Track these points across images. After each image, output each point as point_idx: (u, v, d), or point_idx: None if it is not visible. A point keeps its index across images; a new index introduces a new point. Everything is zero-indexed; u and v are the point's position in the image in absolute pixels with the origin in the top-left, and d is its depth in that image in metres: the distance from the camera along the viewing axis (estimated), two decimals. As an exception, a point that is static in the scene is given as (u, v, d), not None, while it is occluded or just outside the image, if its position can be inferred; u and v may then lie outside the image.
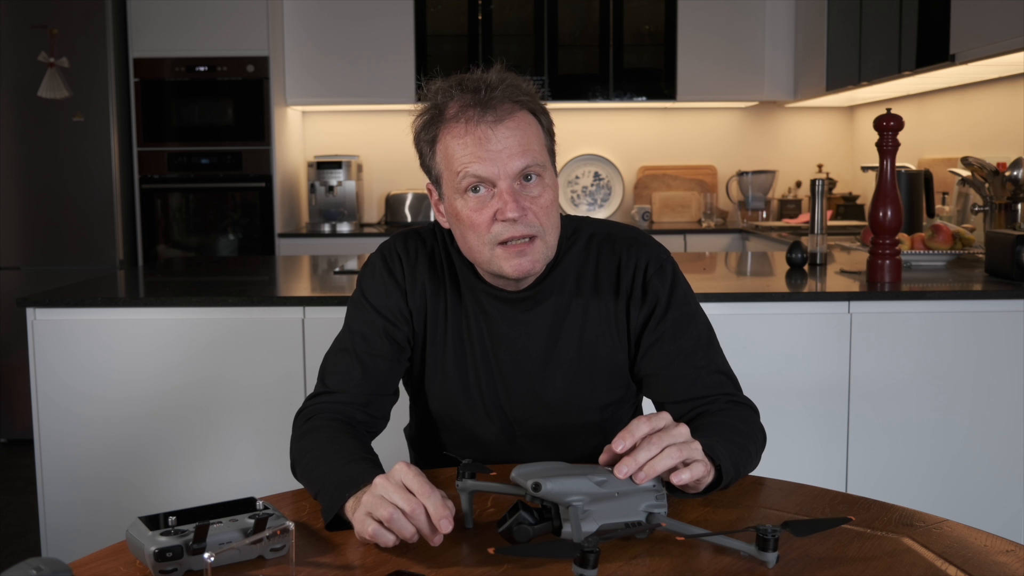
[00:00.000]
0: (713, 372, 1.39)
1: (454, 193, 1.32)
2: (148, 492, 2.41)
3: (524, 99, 1.32)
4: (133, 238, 4.57)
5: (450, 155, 1.31)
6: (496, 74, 1.31)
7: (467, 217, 1.31)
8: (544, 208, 1.31)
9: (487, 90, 1.29)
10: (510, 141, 1.28)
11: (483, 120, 1.28)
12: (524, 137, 1.30)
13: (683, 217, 5.14)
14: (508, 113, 1.29)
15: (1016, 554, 1.07)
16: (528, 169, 1.30)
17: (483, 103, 1.28)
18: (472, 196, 1.30)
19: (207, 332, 2.41)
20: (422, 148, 1.36)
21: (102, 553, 1.09)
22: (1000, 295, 2.39)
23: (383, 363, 1.40)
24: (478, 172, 1.28)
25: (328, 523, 1.14)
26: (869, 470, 2.43)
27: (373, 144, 5.14)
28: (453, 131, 1.30)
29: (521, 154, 1.29)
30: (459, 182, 1.30)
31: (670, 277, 1.42)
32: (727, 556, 1.05)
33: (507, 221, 1.29)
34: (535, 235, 1.31)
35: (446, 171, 1.33)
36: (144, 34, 4.47)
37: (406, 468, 1.08)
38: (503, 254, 1.31)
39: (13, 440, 4.39)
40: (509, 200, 1.28)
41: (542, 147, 1.33)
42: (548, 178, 1.33)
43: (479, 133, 1.28)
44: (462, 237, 1.35)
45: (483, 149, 1.28)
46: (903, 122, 2.42)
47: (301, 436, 1.32)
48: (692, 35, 4.83)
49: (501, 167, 1.28)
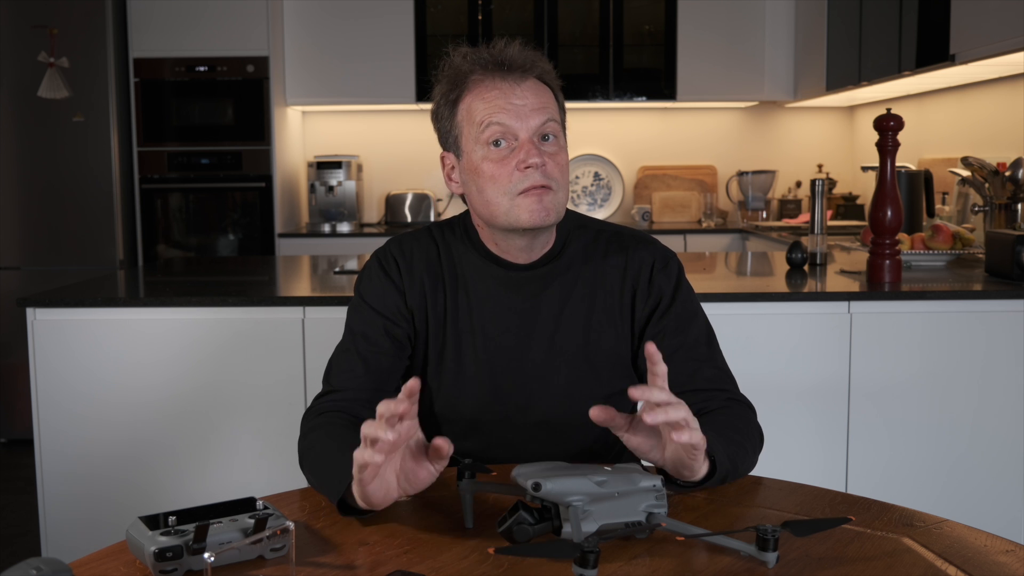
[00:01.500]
0: (713, 367, 1.42)
1: (475, 146, 1.37)
2: (148, 492, 2.42)
3: (544, 72, 1.40)
4: (133, 238, 4.57)
5: (473, 110, 1.36)
6: (518, 49, 1.39)
7: (488, 170, 1.36)
8: (560, 165, 1.38)
9: (509, 57, 1.37)
10: (531, 99, 1.36)
11: (508, 77, 1.36)
12: (545, 99, 1.38)
13: (683, 217, 5.14)
14: (529, 75, 1.37)
15: (1016, 554, 1.07)
16: (547, 126, 1.37)
17: (508, 64, 1.36)
18: (494, 150, 1.36)
19: (207, 332, 2.41)
20: (440, 112, 1.41)
21: (102, 553, 1.09)
22: (1000, 295, 2.39)
23: (385, 360, 1.42)
24: (502, 120, 1.34)
25: (338, 507, 1.15)
26: (869, 470, 2.43)
27: (373, 144, 5.14)
28: (478, 87, 1.37)
29: (542, 110, 1.36)
30: (482, 132, 1.35)
31: (675, 275, 1.46)
32: (727, 556, 1.05)
33: (528, 168, 1.34)
34: (551, 186, 1.36)
35: (467, 125, 1.37)
36: (144, 34, 4.47)
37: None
38: (522, 202, 1.35)
39: (13, 440, 4.39)
40: (531, 148, 1.34)
41: (557, 111, 1.40)
42: (563, 141, 1.40)
43: (504, 87, 1.35)
44: (480, 192, 1.38)
45: (507, 102, 1.34)
46: (903, 122, 2.42)
47: (308, 432, 1.33)
48: (692, 35, 4.83)
49: (524, 120, 1.35)
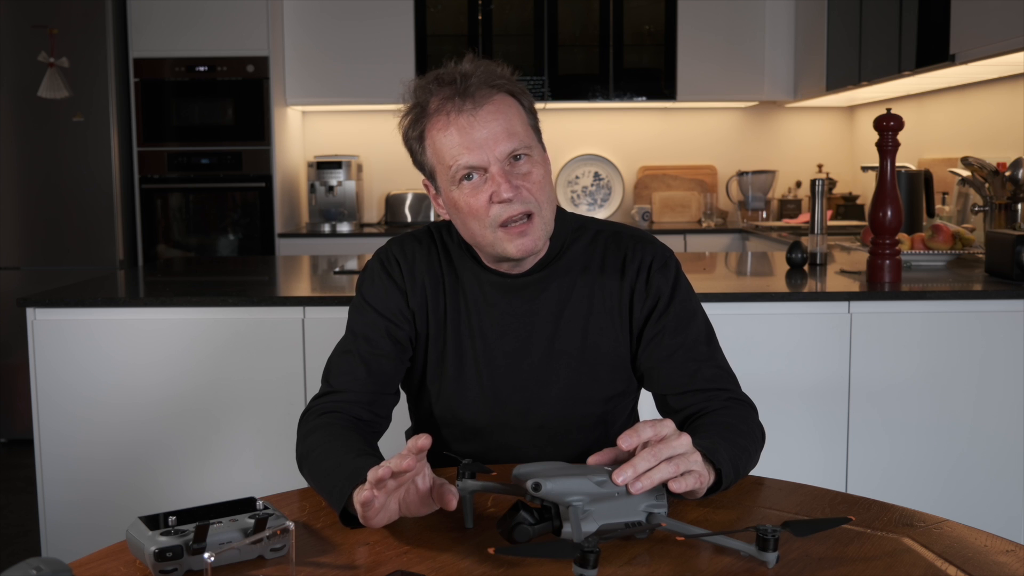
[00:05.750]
0: (713, 367, 1.41)
1: (449, 185, 1.35)
2: (148, 492, 2.42)
3: (500, 82, 1.35)
4: (133, 238, 4.57)
5: (439, 149, 1.34)
6: (470, 63, 1.35)
7: (465, 204, 1.34)
8: (537, 183, 1.35)
9: (462, 79, 1.32)
10: (493, 126, 1.31)
11: (464, 109, 1.31)
12: (506, 120, 1.33)
13: (683, 217, 5.14)
14: (487, 98, 1.32)
15: (1016, 554, 1.07)
16: (515, 151, 1.33)
17: (461, 93, 1.32)
18: (466, 184, 1.33)
19: (207, 332, 2.41)
20: (412, 146, 1.39)
21: (102, 553, 1.09)
22: (1000, 295, 2.39)
23: (386, 363, 1.41)
24: (468, 162, 1.32)
25: (340, 516, 1.15)
26: (869, 470, 2.43)
27: (373, 144, 5.14)
28: (437, 125, 1.33)
29: (506, 137, 1.32)
30: (452, 174, 1.34)
31: (673, 274, 1.45)
32: (727, 556, 1.05)
33: (503, 202, 1.32)
34: (531, 212, 1.34)
35: (438, 165, 1.36)
36: (144, 34, 4.47)
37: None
38: (505, 236, 1.34)
39: (13, 440, 4.39)
40: (502, 182, 1.31)
41: (526, 127, 1.36)
42: (536, 155, 1.36)
43: (462, 123, 1.31)
44: (464, 225, 1.38)
45: (469, 138, 1.31)
46: (903, 122, 2.42)
47: (308, 433, 1.32)
48: (692, 35, 4.83)
49: (489, 152, 1.31)
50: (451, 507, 1.09)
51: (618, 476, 1.06)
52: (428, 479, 1.10)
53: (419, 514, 1.12)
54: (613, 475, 1.06)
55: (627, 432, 1.09)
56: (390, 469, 1.04)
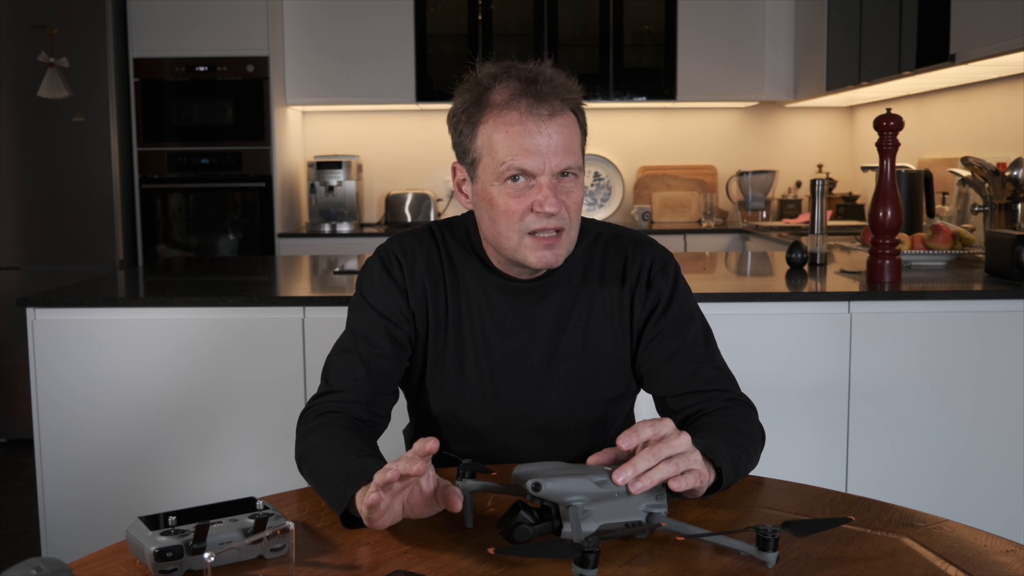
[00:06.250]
0: (712, 368, 1.41)
1: (491, 179, 1.34)
2: (148, 492, 2.41)
3: (571, 99, 1.34)
4: (133, 238, 4.57)
5: (495, 142, 1.32)
6: (551, 69, 1.34)
7: (502, 204, 1.33)
8: (576, 204, 1.35)
9: (544, 83, 1.30)
10: (557, 139, 1.31)
11: (535, 113, 1.30)
12: (569, 137, 1.33)
13: (683, 217, 5.14)
14: (559, 110, 1.31)
15: (1016, 554, 1.07)
16: (569, 168, 1.33)
17: (537, 95, 1.30)
18: (511, 184, 1.32)
19: (207, 332, 2.41)
20: (460, 128, 1.36)
21: (102, 553, 1.09)
22: (1000, 295, 2.39)
23: (386, 363, 1.41)
24: (523, 165, 1.31)
25: (341, 517, 1.15)
26: (869, 470, 2.43)
27: (373, 144, 5.14)
28: (503, 118, 1.31)
29: (566, 153, 1.32)
30: (501, 171, 1.32)
31: (672, 276, 1.45)
32: (727, 556, 1.05)
33: (542, 213, 1.31)
34: (564, 228, 1.34)
35: (487, 156, 1.34)
36: (144, 34, 4.47)
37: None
38: (531, 244, 1.34)
39: (13, 440, 4.39)
40: (550, 195, 1.31)
41: (579, 148, 1.36)
42: (581, 177, 1.37)
43: (530, 125, 1.30)
44: (491, 222, 1.36)
45: (532, 143, 1.30)
46: (903, 122, 2.42)
47: (308, 433, 1.32)
48: (692, 35, 4.83)
49: (546, 163, 1.31)
50: (456, 509, 1.08)
51: (618, 476, 1.06)
52: (432, 481, 1.10)
53: (423, 515, 1.12)
54: (613, 475, 1.07)
55: (627, 432, 1.10)
56: (398, 472, 1.04)
